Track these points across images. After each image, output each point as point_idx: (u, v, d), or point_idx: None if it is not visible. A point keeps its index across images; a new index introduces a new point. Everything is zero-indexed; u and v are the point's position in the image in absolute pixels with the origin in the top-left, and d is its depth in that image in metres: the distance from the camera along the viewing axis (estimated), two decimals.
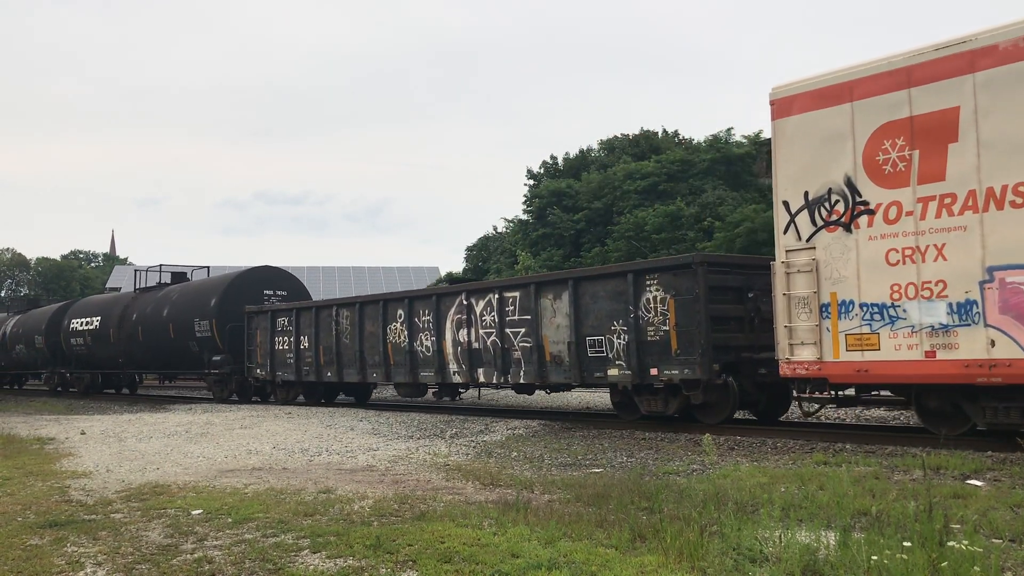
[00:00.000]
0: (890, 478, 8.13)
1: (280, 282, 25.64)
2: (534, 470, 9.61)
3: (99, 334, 29.74)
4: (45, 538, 6.56)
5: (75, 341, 31.19)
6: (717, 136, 53.23)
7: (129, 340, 27.97)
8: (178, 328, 25.21)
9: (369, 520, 6.76)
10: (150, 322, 26.84)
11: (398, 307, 17.99)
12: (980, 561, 4.40)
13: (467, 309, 16.19)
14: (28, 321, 35.98)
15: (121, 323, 28.37)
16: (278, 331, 21.56)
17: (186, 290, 26.80)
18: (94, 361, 30.87)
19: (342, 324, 19.36)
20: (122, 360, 28.80)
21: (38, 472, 10.33)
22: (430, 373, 17.08)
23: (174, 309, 25.81)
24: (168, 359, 26.74)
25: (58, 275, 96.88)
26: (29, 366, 36.36)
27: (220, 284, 24.93)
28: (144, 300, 28.39)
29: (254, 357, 22.46)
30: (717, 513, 6.16)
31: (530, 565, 5.17)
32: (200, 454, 11.85)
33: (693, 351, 12.51)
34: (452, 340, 16.56)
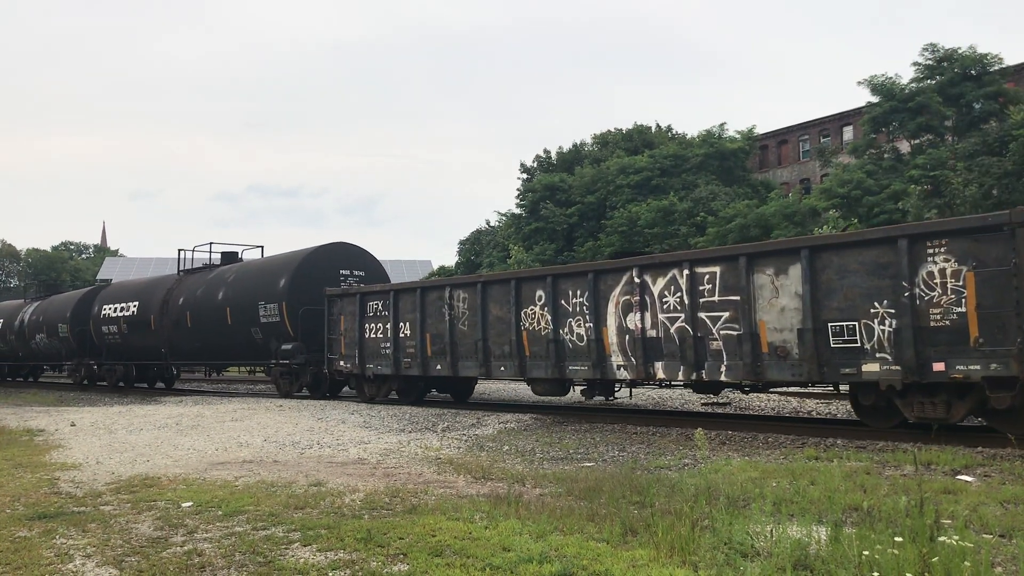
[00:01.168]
0: (881, 473, 8.14)
1: (356, 261, 22.30)
2: (526, 464, 9.60)
3: (136, 321, 26.81)
4: (34, 530, 6.52)
5: (107, 329, 28.34)
6: (710, 131, 53.32)
7: (174, 327, 24.90)
8: (237, 313, 22.14)
9: (360, 513, 6.74)
10: (201, 307, 23.75)
11: (537, 287, 14.96)
12: (970, 556, 4.41)
13: (639, 288, 13.27)
14: (50, 308, 32.88)
15: (164, 309, 25.35)
16: (369, 317, 18.44)
17: (246, 270, 23.33)
18: (130, 351, 27.88)
19: (457, 308, 16.38)
20: (164, 350, 25.65)
21: (27, 464, 10.28)
22: (583, 367, 14.08)
23: (232, 291, 22.64)
24: (223, 348, 23.61)
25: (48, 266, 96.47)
26: (51, 357, 33.42)
27: (290, 262, 21.61)
28: (192, 282, 25.18)
29: (336, 347, 19.31)
30: (709, 507, 6.16)
31: (521, 559, 5.16)
32: (191, 446, 11.81)
33: (1005, 340, 9.72)
34: (617, 327, 13.54)
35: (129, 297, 28.00)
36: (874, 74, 43.36)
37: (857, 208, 38.01)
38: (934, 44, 39.98)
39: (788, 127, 61.93)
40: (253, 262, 24.56)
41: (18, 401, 24.44)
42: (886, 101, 40.74)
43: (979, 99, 39.03)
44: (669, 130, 62.38)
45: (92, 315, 29.30)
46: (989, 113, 38.53)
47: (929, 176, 35.07)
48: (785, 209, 41.76)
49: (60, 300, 33.21)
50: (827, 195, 40.39)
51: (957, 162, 34.22)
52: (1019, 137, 31.10)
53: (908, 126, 40.07)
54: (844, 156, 48.08)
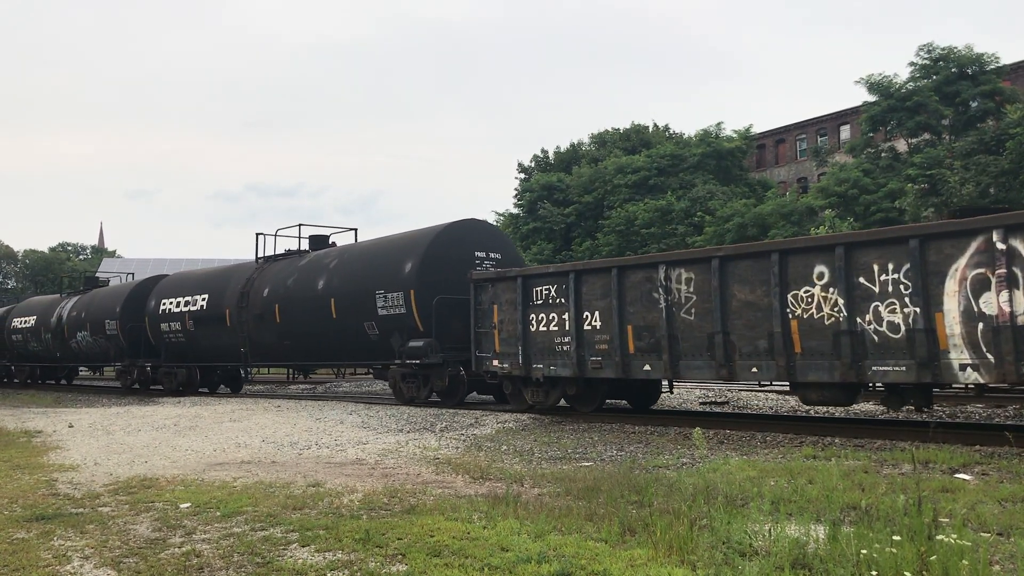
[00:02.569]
0: (879, 472, 8.15)
1: (492, 241, 18.81)
2: (524, 463, 9.60)
3: (205, 316, 23.56)
4: (32, 532, 6.51)
5: (168, 327, 25.05)
6: (707, 130, 53.33)
7: (257, 323, 21.43)
8: (346, 305, 18.74)
9: (358, 514, 6.74)
10: (294, 298, 20.31)
11: (815, 262, 11.54)
12: (969, 555, 4.41)
13: (1004, 257, 9.77)
14: (94, 303, 29.19)
15: (243, 301, 21.84)
16: (536, 305, 15.00)
17: (356, 255, 19.84)
18: (196, 351, 24.53)
19: (677, 292, 12.90)
20: (244, 349, 22.06)
21: (25, 465, 10.27)
22: (897, 366, 10.64)
23: (338, 280, 19.24)
24: (323, 346, 19.94)
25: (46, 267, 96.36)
26: (94, 358, 29.68)
27: (417, 243, 18.06)
28: (278, 271, 21.70)
29: (486, 342, 15.85)
30: (707, 507, 6.17)
31: (520, 559, 5.16)
32: (189, 447, 11.80)
33: None
34: (962, 311, 10.16)
35: (195, 289, 24.49)
36: (871, 73, 43.44)
37: (854, 207, 38.07)
38: (930, 44, 40.02)
39: (785, 126, 61.99)
40: (363, 245, 20.63)
41: (16, 403, 24.40)
42: (883, 100, 40.76)
43: (976, 98, 39.05)
44: (666, 129, 62.41)
45: (148, 310, 26.02)
46: (986, 112, 38.57)
47: (926, 175, 35.10)
48: (782, 208, 41.80)
49: (106, 294, 29.43)
50: (824, 194, 40.43)
51: (954, 161, 34.26)
52: (1016, 136, 31.14)
53: (905, 125, 40.10)
54: (841, 155, 48.13)
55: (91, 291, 31.31)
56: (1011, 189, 30.65)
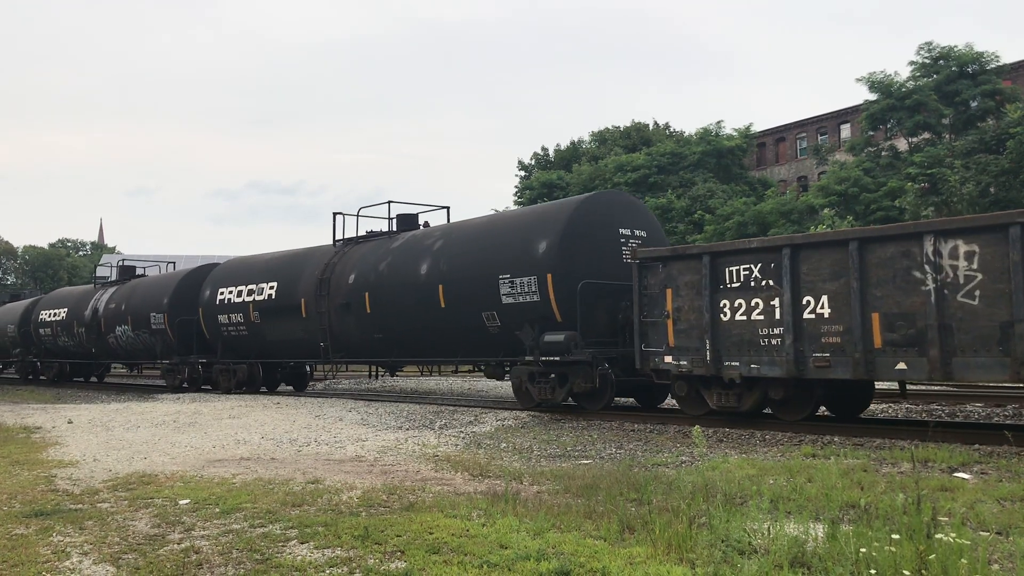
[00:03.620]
0: (878, 470, 8.15)
1: (637, 217, 16.01)
2: (523, 461, 9.61)
3: (275, 307, 20.89)
4: (31, 528, 6.51)
5: (227, 319, 22.44)
6: (708, 129, 53.30)
7: (341, 314, 18.87)
8: (459, 292, 16.08)
9: (357, 511, 6.74)
10: (389, 285, 17.65)
11: None
12: (968, 553, 4.41)
13: None
14: (135, 295, 26.66)
15: (323, 289, 19.25)
16: (730, 288, 12.42)
17: (467, 234, 16.98)
18: (262, 346, 21.90)
19: (949, 270, 10.40)
20: (324, 343, 19.30)
21: (24, 461, 10.27)
22: None
23: (448, 263, 16.55)
24: (427, 340, 17.26)
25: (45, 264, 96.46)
26: (138, 354, 27.20)
27: (553, 218, 15.25)
28: (364, 254, 18.97)
29: (657, 335, 13.05)
30: (706, 505, 6.17)
31: (519, 556, 5.16)
32: (188, 444, 11.80)
33: None
34: None
35: (261, 276, 21.76)
36: (872, 71, 43.45)
37: (854, 206, 38.07)
38: (930, 42, 40.03)
39: (786, 124, 61.99)
40: (477, 223, 17.66)
41: (15, 398, 24.40)
42: (884, 99, 40.77)
43: (976, 97, 39.06)
44: (667, 127, 62.43)
45: (203, 301, 23.44)
46: (986, 111, 38.59)
47: (926, 174, 35.11)
48: (782, 207, 41.80)
49: (150, 285, 26.85)
50: (824, 193, 40.43)
51: (954, 160, 34.27)
52: (1016, 135, 31.14)
53: (905, 124, 40.12)
54: (841, 154, 48.12)
55: (129, 282, 28.47)
56: (1011, 188, 30.66)
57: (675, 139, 57.15)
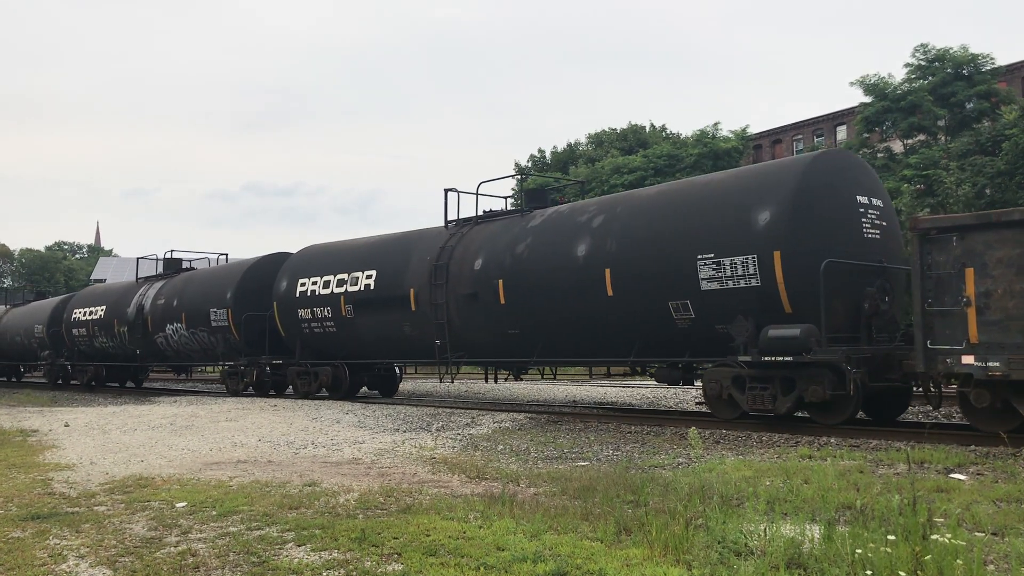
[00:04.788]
0: (874, 472, 8.17)
1: (870, 183, 13.04)
2: (520, 463, 9.61)
3: (375, 299, 18.04)
4: (27, 531, 6.51)
5: (307, 314, 19.72)
6: (704, 131, 53.36)
7: (466, 305, 16.13)
8: (634, 276, 13.32)
9: (354, 513, 6.74)
10: (530, 271, 14.96)
11: None
12: (963, 554, 4.42)
13: None
14: (189, 289, 23.75)
15: (438, 277, 16.59)
16: None
17: (642, 205, 14.09)
18: (352, 344, 19.24)
19: None
20: (442, 340, 16.67)
21: (21, 464, 10.25)
22: None
23: (616, 242, 13.73)
24: (590, 335, 14.37)
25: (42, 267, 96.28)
26: (193, 355, 24.48)
27: (774, 182, 12.40)
28: (491, 235, 16.37)
29: (954, 328, 10.33)
30: (702, 506, 6.17)
31: (515, 558, 5.17)
32: (185, 447, 11.79)
33: None
34: None
35: (354, 264, 18.94)
36: (866, 74, 43.49)
37: None
38: (925, 44, 40.11)
39: (782, 126, 62.15)
40: (655, 192, 14.72)
41: (12, 401, 24.36)
42: (878, 101, 40.85)
43: (971, 99, 39.15)
44: (663, 130, 62.49)
45: (278, 294, 20.57)
46: (981, 113, 38.67)
47: (922, 175, 35.17)
48: None
49: (208, 277, 23.85)
50: None
51: (950, 161, 34.34)
52: (1011, 136, 31.21)
53: (901, 126, 40.17)
54: None
55: (180, 275, 25.64)
56: (1007, 190, 30.72)
57: (671, 141, 57.20)
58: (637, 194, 15.03)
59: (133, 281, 28.22)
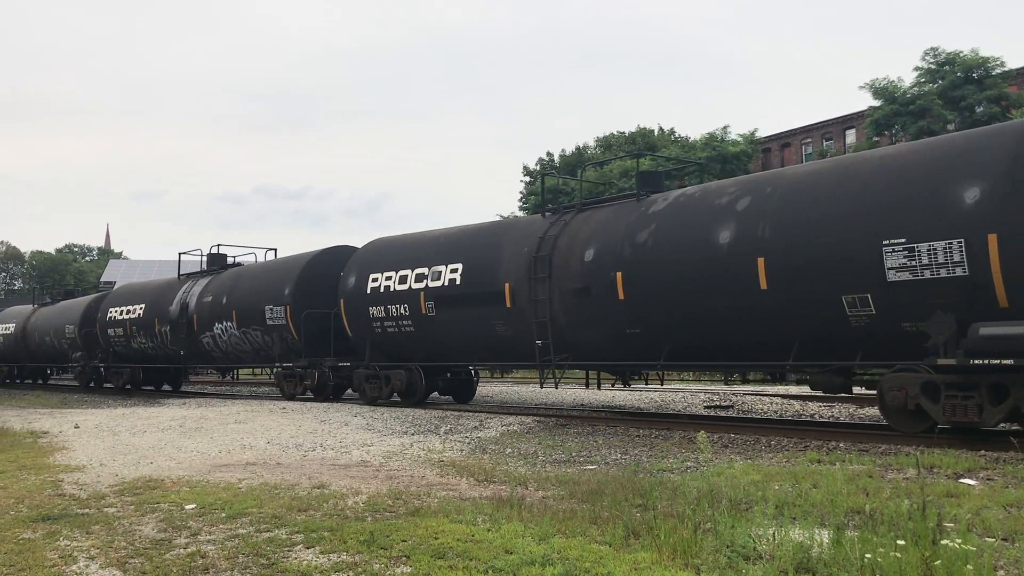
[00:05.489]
0: (884, 476, 8.14)
1: None
2: (528, 466, 9.61)
3: (460, 296, 16.53)
4: (38, 532, 6.54)
5: (380, 312, 18.07)
6: (713, 134, 53.39)
7: (574, 301, 14.39)
8: (793, 266, 11.62)
9: (363, 516, 6.75)
10: (656, 261, 13.18)
11: None
12: (973, 560, 4.41)
13: None
14: (240, 286, 22.27)
15: (539, 271, 14.89)
16: None
17: (797, 184, 12.16)
18: (430, 345, 17.58)
19: None
20: (544, 340, 14.94)
21: (31, 466, 10.31)
22: None
23: (770, 227, 11.94)
24: (735, 336, 12.51)
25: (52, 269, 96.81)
26: (244, 357, 22.82)
27: (979, 149, 10.57)
28: (601, 222, 14.55)
29: None
30: (711, 510, 6.17)
31: (524, 561, 5.17)
32: (194, 449, 11.83)
33: None
34: None
35: (435, 257, 17.31)
36: (876, 77, 43.44)
37: None
38: (935, 48, 40.04)
39: (791, 130, 62.05)
40: (816, 168, 12.55)
41: (22, 403, 24.48)
42: (888, 104, 40.79)
43: (981, 102, 39.05)
44: (672, 133, 62.53)
45: (346, 291, 18.99)
46: (991, 116, 38.55)
47: None
48: None
49: (261, 273, 22.13)
50: None
51: None
52: None
53: (910, 129, 40.10)
54: None
55: (228, 271, 24.25)
56: None
57: (680, 144, 57.22)
58: (791, 172, 12.96)
59: (175, 278, 26.60)
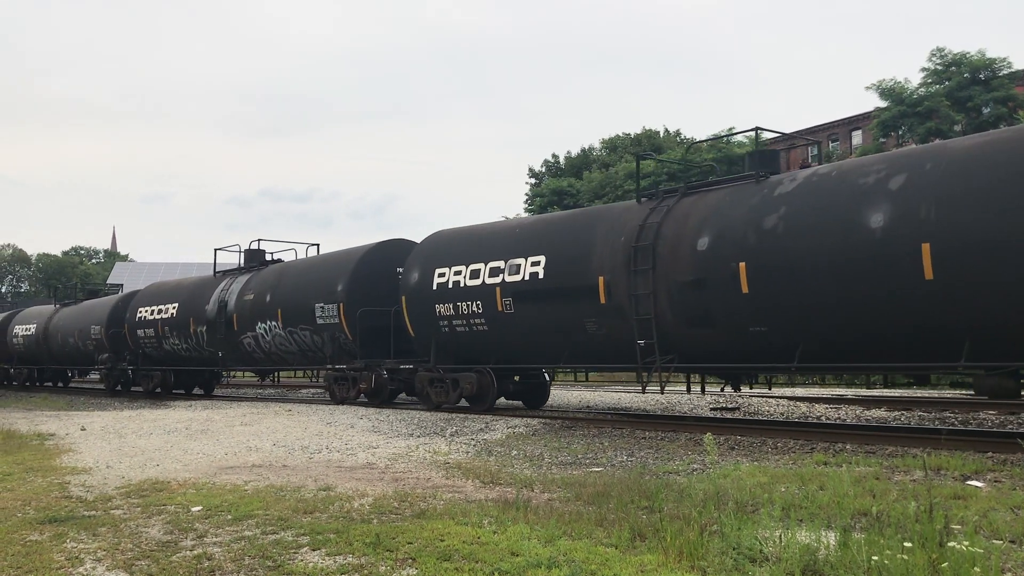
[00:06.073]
0: (891, 478, 8.12)
1: None
2: (534, 468, 9.61)
3: (543, 292, 14.79)
4: (45, 534, 6.56)
5: (448, 310, 16.43)
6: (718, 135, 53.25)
7: (684, 295, 12.68)
8: (968, 252, 9.97)
9: (369, 518, 6.76)
10: (789, 249, 11.57)
11: None
12: (980, 562, 4.39)
13: None
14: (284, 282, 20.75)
15: (641, 262, 13.18)
16: None
17: (963, 156, 10.37)
18: (507, 346, 15.95)
19: None
20: (647, 339, 13.13)
21: (38, 468, 10.33)
22: None
23: (929, 207, 10.32)
24: (893, 332, 10.82)
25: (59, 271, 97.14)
26: (289, 359, 21.32)
27: None
28: (714, 207, 12.84)
29: None
30: (717, 512, 6.16)
31: (530, 563, 5.17)
32: (200, 451, 11.85)
33: None
34: None
35: (512, 249, 15.60)
36: (883, 78, 43.38)
37: None
38: (942, 49, 39.93)
39: (797, 131, 61.90)
40: (980, 141, 10.65)
41: (28, 405, 24.54)
42: (895, 105, 40.70)
43: (988, 103, 38.93)
44: (678, 135, 62.49)
45: (409, 286, 17.39)
46: (999, 117, 38.43)
47: None
48: None
49: (309, 268, 20.63)
50: None
51: None
52: None
53: (917, 130, 40.00)
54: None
55: (268, 267, 22.70)
56: None
57: (686, 146, 57.18)
58: (954, 145, 10.91)
59: (210, 276, 25.22)
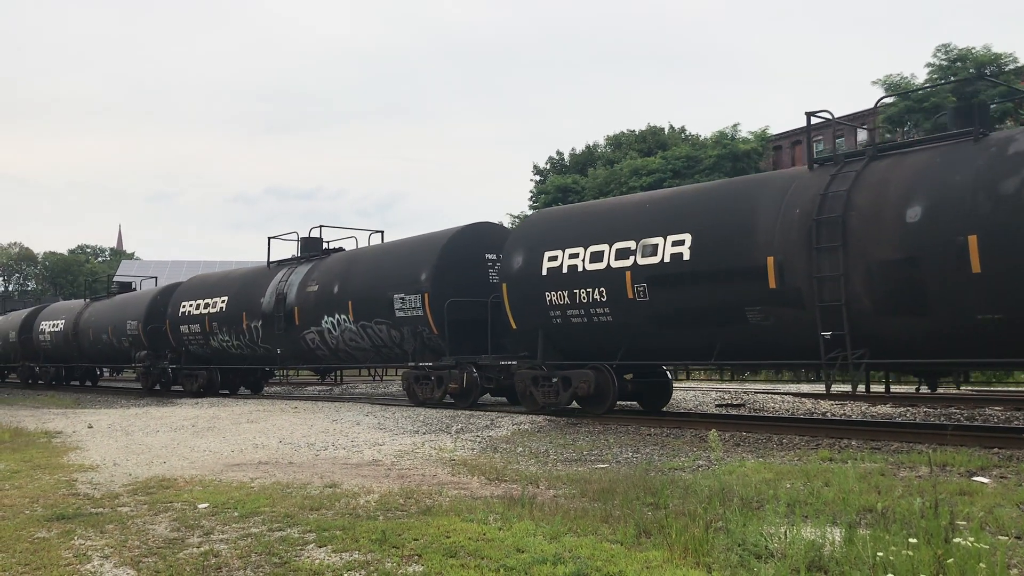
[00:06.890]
0: (896, 475, 8.12)
1: None
2: (539, 465, 9.62)
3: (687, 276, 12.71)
4: (53, 531, 6.59)
5: (563, 299, 14.31)
6: (723, 132, 53.23)
7: (881, 280, 10.74)
8: None
9: (375, 514, 6.78)
10: None
11: None
12: (986, 558, 4.39)
13: None
14: (353, 273, 19.13)
15: (823, 238, 11.14)
16: None
17: None
18: (637, 340, 13.79)
19: None
20: (832, 333, 11.22)
21: (45, 465, 10.38)
22: None
23: None
24: None
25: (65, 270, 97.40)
26: (361, 356, 19.62)
27: None
28: (919, 172, 10.70)
29: None
30: (722, 509, 6.16)
31: (535, 560, 5.18)
32: (206, 448, 11.89)
33: None
34: None
35: (642, 227, 13.54)
36: (888, 74, 43.26)
37: None
38: (947, 44, 39.84)
39: (802, 127, 61.77)
40: None
41: (36, 403, 24.64)
42: (900, 101, 40.60)
43: (994, 99, 38.85)
44: (682, 131, 62.37)
45: (511, 273, 15.51)
46: (1004, 112, 38.32)
47: None
48: None
49: (382, 256, 19.00)
50: None
51: None
52: None
53: (923, 126, 39.92)
54: None
55: (332, 256, 20.81)
56: None
57: (690, 143, 57.11)
58: None
59: (262, 266, 23.16)
